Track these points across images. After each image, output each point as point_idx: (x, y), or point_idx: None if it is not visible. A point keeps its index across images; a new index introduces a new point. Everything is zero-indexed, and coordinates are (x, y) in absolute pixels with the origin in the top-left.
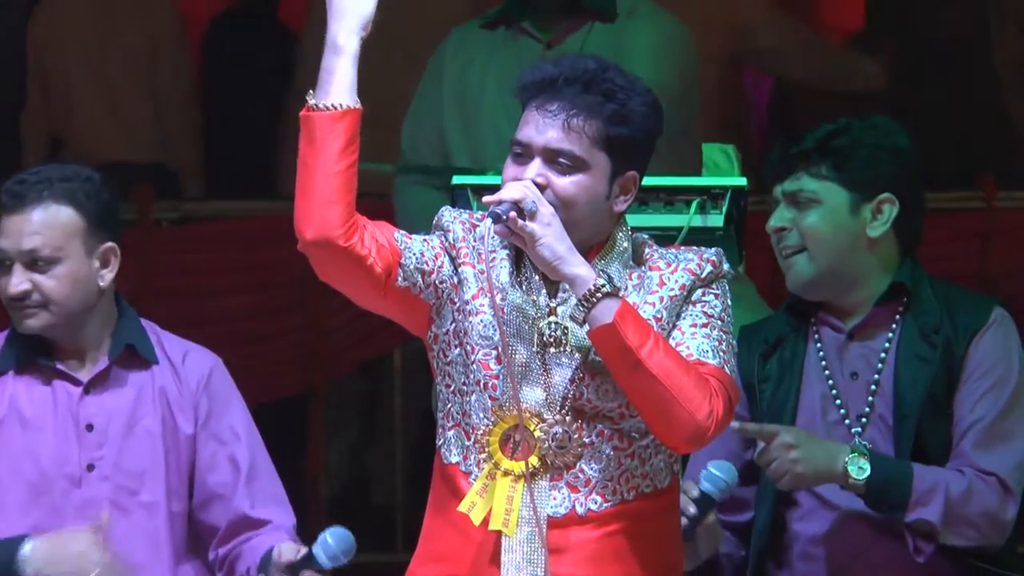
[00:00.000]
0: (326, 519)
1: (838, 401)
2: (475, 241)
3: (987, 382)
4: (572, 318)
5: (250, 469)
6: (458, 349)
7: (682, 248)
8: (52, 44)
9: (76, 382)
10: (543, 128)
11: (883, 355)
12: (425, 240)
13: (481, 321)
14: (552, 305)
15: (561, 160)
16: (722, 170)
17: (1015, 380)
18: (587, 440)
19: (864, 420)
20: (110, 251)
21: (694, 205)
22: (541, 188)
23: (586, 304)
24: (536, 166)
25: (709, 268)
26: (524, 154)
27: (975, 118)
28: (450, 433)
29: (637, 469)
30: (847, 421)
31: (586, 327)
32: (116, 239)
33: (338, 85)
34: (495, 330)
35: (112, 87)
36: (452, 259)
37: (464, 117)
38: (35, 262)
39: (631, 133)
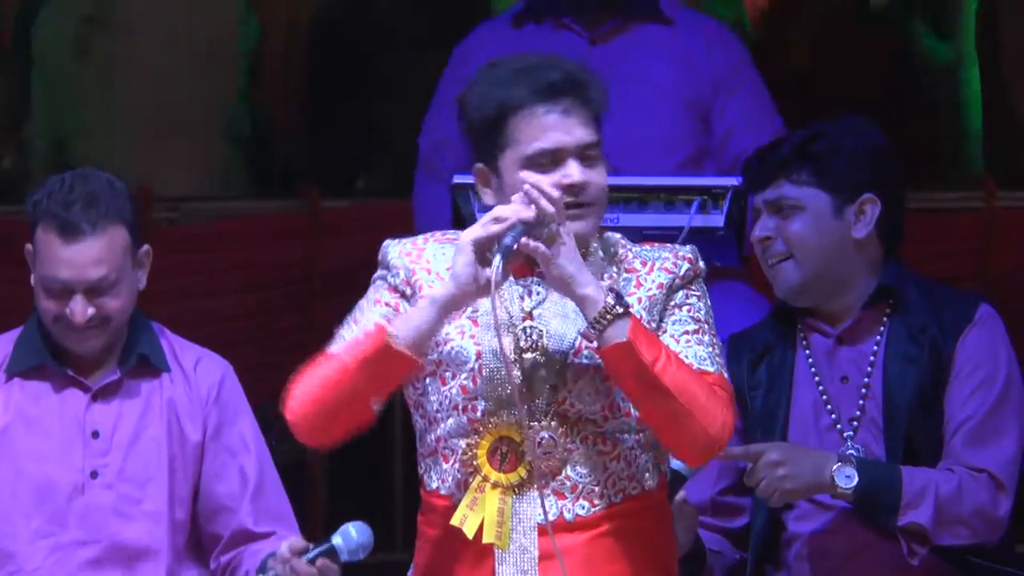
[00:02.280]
0: (325, 518)
1: (829, 406)
2: (427, 263)
3: (975, 379)
4: (585, 336)
5: (258, 483)
6: (428, 378)
7: (655, 245)
8: (54, 45)
9: (85, 388)
10: (569, 128)
11: (872, 358)
12: (377, 301)
13: (452, 348)
14: (527, 309)
15: (590, 153)
16: None
17: (1003, 376)
18: (571, 446)
19: (856, 424)
20: (145, 255)
21: (695, 205)
22: (581, 188)
23: (598, 325)
24: (577, 167)
25: (686, 266)
26: (552, 161)
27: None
28: (428, 460)
29: (623, 471)
30: (839, 426)
31: (577, 337)
32: (144, 240)
33: (428, 336)
34: (468, 354)
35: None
36: (408, 296)
37: None
38: (97, 288)
39: (604, 108)
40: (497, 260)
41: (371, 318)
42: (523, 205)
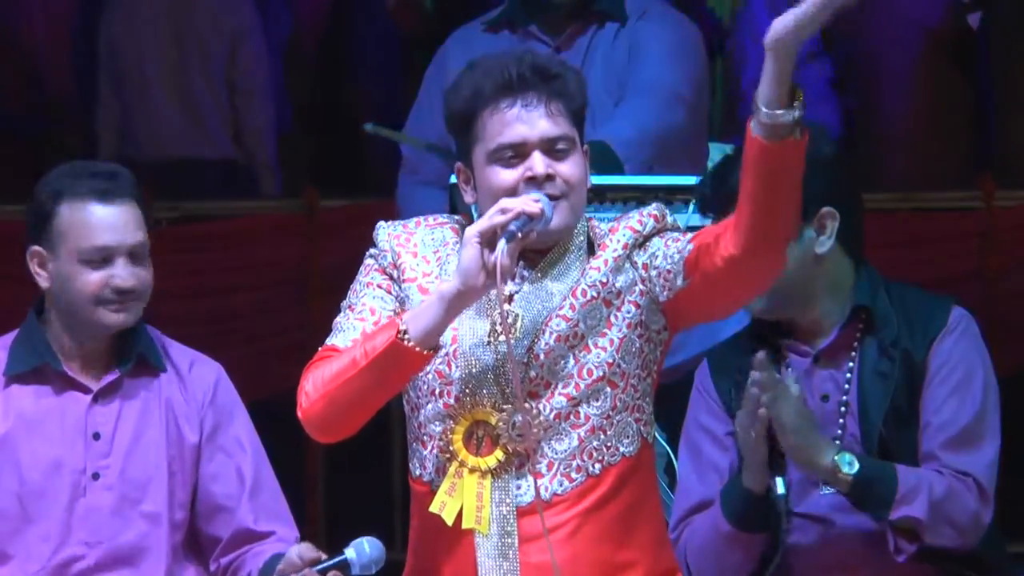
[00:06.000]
0: (325, 518)
1: None
2: (414, 247)
3: (951, 383)
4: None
5: (254, 483)
6: None
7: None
8: (127, 41)
9: (85, 390)
10: (532, 121)
11: (848, 375)
12: (370, 284)
13: None
14: (508, 293)
15: (559, 147)
16: None
17: (980, 379)
18: (546, 423)
19: (838, 442)
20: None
21: (693, 205)
22: (548, 179)
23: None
24: (540, 160)
25: (652, 223)
26: (517, 155)
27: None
28: (414, 446)
29: (599, 441)
30: None
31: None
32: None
33: (438, 332)
34: (445, 337)
35: (187, 83)
36: (395, 279)
37: None
38: (135, 255)
39: (584, 101)
40: (502, 244)
41: (366, 303)
42: (525, 202)
